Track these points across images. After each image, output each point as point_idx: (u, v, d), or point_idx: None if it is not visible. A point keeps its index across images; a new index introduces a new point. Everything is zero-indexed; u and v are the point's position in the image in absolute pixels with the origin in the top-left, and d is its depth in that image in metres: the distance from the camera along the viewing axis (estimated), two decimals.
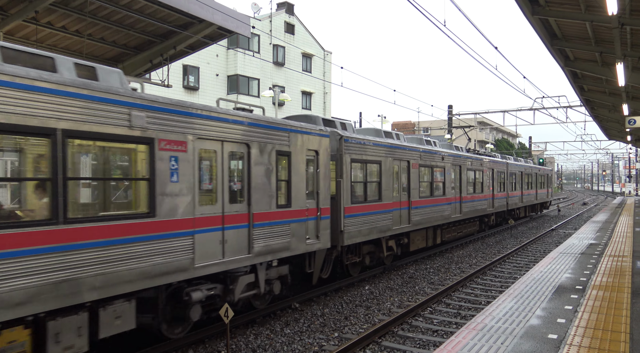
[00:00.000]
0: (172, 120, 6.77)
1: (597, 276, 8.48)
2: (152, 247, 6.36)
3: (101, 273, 5.76)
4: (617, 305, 6.58)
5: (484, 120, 67.69)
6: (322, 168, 10.02)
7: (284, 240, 8.80)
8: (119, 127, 6.03)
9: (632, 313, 6.21)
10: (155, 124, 6.51)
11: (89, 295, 5.64)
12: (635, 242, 12.98)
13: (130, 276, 6.08)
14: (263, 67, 34.23)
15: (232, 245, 7.66)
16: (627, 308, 6.42)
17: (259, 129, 8.40)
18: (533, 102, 30.28)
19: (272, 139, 8.67)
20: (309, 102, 39.90)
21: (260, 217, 8.24)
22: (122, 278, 5.99)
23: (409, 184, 13.92)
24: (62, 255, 5.40)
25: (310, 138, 9.66)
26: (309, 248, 9.65)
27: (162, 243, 6.49)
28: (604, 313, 6.20)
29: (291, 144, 9.11)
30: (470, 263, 15.06)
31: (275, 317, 9.20)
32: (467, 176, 18.86)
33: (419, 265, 14.53)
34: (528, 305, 6.63)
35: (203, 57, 30.51)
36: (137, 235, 6.19)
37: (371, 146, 12.13)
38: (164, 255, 6.50)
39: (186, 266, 6.81)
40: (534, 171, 30.17)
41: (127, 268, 6.04)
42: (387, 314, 9.48)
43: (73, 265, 5.50)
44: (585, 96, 23.64)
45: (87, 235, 5.66)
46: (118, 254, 5.96)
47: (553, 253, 11.31)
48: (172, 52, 13.74)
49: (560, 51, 15.94)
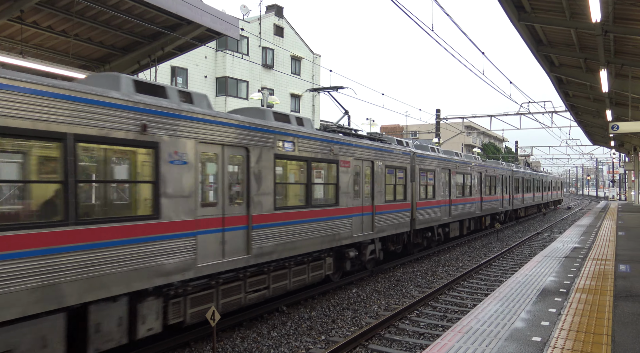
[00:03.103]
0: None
1: (580, 280, 8.60)
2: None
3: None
4: (600, 308, 6.68)
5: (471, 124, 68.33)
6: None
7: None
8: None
9: (615, 315, 6.32)
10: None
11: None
12: (618, 246, 13.19)
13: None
14: (252, 69, 34.19)
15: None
16: (610, 311, 6.52)
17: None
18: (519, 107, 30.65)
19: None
20: (297, 104, 39.91)
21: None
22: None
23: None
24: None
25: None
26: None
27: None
28: (587, 316, 6.29)
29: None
30: (457, 266, 15.17)
31: (262, 320, 9.18)
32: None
33: (406, 268, 14.60)
34: (513, 308, 6.70)
35: (192, 59, 30.37)
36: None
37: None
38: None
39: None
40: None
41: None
42: (374, 317, 9.51)
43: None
44: (570, 101, 24.02)
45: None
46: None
47: (538, 257, 11.45)
48: (160, 54, 13.67)
49: (546, 56, 16.19)
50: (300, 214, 9.77)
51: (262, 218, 8.66)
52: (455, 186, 19.07)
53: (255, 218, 8.49)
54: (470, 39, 11.40)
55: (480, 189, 22.89)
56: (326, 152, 10.63)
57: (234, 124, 8.17)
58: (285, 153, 9.35)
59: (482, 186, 23.26)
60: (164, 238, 6.83)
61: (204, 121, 7.55)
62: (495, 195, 25.79)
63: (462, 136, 57.13)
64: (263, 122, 8.89)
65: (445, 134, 42.63)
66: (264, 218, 8.70)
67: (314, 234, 10.17)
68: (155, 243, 6.69)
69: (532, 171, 37.47)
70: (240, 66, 33.20)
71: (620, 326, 5.88)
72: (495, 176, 25.76)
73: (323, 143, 10.53)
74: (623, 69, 15.42)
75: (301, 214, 9.79)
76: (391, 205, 13.58)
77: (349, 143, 11.53)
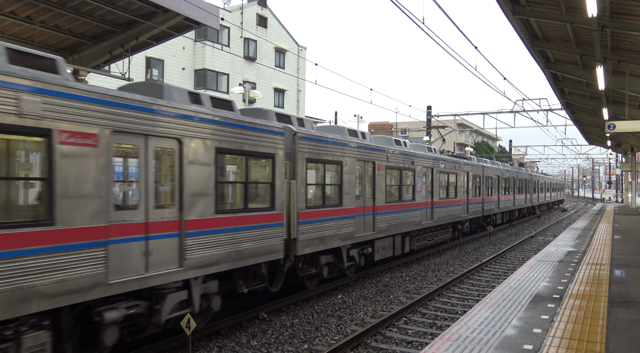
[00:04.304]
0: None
1: (574, 285, 8.72)
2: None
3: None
4: (594, 315, 6.78)
5: (463, 122, 68.92)
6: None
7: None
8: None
9: (609, 322, 6.41)
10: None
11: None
12: (613, 250, 13.41)
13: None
14: (233, 61, 34.03)
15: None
16: (604, 318, 6.62)
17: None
18: (513, 105, 31.01)
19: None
20: (281, 99, 39.87)
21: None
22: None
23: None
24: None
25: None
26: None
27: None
28: (580, 323, 6.38)
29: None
30: (447, 271, 15.28)
31: (241, 328, 9.13)
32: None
33: (394, 273, 14.66)
34: (504, 315, 6.77)
35: (168, 50, 30.12)
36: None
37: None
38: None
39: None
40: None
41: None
42: (360, 324, 9.52)
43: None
44: (565, 99, 24.37)
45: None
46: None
47: (531, 261, 11.59)
48: (133, 44, 13.51)
49: (541, 52, 16.39)
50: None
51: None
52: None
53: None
54: (463, 33, 11.50)
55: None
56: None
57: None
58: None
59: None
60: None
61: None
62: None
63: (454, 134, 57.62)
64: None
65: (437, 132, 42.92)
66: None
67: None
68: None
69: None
70: (221, 58, 33.02)
71: (614, 333, 5.97)
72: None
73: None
74: (620, 66, 15.67)
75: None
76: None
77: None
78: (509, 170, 30.72)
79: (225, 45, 33.55)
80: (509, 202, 30.39)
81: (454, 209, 20.09)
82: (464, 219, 21.83)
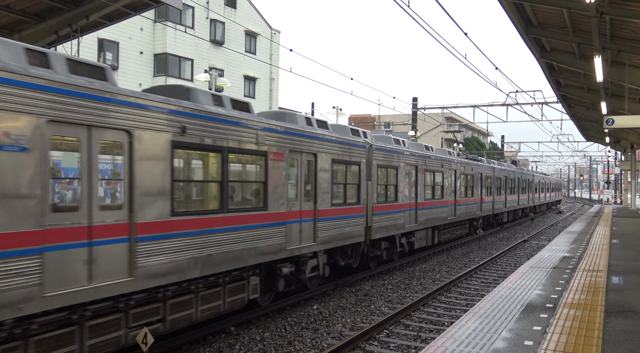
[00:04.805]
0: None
1: (569, 293, 8.92)
2: None
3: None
4: (589, 325, 6.94)
5: (452, 116, 69.74)
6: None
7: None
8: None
9: (605, 334, 6.58)
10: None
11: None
12: (611, 255, 13.76)
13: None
14: (198, 45, 33.71)
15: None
16: (600, 329, 6.79)
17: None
18: (506, 97, 31.52)
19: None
20: (252, 88, 39.69)
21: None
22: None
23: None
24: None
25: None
26: None
27: None
28: (574, 335, 6.53)
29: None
30: (433, 279, 15.45)
31: (205, 343, 9.07)
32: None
33: (376, 281, 14.75)
34: (494, 326, 6.88)
35: (124, 31, 29.65)
36: None
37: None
38: None
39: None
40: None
41: None
42: (338, 338, 9.56)
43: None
44: (562, 91, 24.87)
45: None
46: None
47: (523, 267, 11.80)
48: (83, 23, 13.25)
49: (536, 40, 16.68)
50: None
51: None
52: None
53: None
54: (452, 17, 11.62)
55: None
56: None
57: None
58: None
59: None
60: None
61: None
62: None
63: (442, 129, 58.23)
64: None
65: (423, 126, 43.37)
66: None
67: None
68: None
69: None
70: (184, 41, 32.66)
71: (610, 345, 6.12)
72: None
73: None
74: (619, 56, 16.05)
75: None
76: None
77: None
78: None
79: (189, 27, 33.19)
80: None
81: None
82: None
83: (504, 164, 35.00)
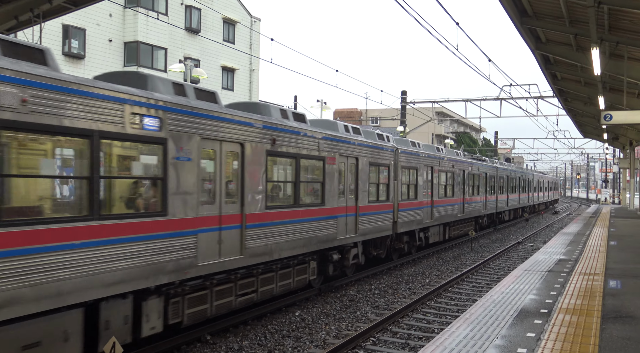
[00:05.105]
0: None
1: (564, 298, 9.02)
2: None
3: None
4: (586, 332, 7.03)
5: (443, 110, 70.14)
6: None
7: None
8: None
9: (601, 340, 6.66)
10: None
11: None
12: (608, 258, 13.95)
13: None
14: (172, 33, 33.44)
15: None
16: (596, 335, 6.88)
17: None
18: (500, 91, 31.76)
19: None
20: (231, 80, 39.53)
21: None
22: None
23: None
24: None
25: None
26: None
27: None
28: (570, 341, 6.60)
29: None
30: (422, 283, 15.54)
31: None
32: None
33: (362, 286, 14.80)
34: (486, 333, 6.93)
35: (91, 17, 29.31)
36: None
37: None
38: None
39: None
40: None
41: None
42: (321, 346, 9.57)
43: None
44: (558, 85, 25.13)
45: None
46: None
47: (517, 271, 11.91)
48: (46, 7, 13.05)
49: (531, 30, 16.83)
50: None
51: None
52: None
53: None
54: (442, 5, 11.66)
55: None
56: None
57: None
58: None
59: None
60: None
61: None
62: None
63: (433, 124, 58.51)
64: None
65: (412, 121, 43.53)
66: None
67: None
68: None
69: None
70: (157, 29, 32.38)
71: None
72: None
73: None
74: (618, 48, 16.25)
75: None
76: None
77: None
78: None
79: (163, 13, 32.92)
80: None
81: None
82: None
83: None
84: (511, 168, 38.52)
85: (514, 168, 40.32)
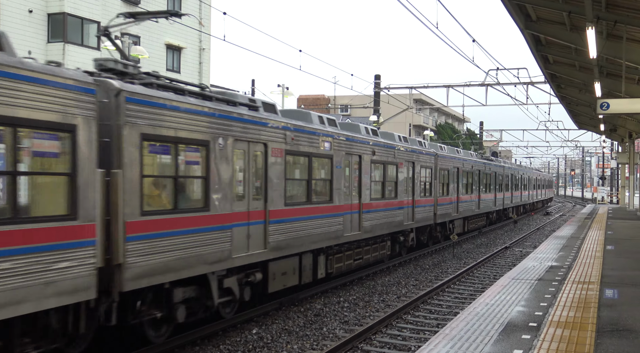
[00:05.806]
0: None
1: (556, 310, 9.23)
2: None
3: None
4: (579, 348, 7.21)
5: (422, 98, 70.82)
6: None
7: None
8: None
9: None
10: None
11: None
12: (605, 264, 14.32)
13: None
14: (106, 5, 32.89)
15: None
16: (590, 351, 7.06)
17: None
18: (485, 76, 32.27)
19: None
20: (177, 60, 39.10)
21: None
22: None
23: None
24: None
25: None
26: None
27: None
28: None
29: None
30: (398, 294, 15.69)
31: None
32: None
33: (329, 298, 14.85)
34: (468, 349, 7.04)
35: None
36: None
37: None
38: None
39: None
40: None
41: None
42: None
43: None
44: (550, 69, 25.63)
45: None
46: None
47: (503, 279, 12.14)
48: None
49: (520, 7, 17.09)
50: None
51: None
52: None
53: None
54: None
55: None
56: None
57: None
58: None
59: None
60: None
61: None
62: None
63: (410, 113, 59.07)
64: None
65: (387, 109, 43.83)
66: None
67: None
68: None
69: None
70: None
71: None
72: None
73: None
74: (616, 29, 16.60)
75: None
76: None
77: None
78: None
79: None
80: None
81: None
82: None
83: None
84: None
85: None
